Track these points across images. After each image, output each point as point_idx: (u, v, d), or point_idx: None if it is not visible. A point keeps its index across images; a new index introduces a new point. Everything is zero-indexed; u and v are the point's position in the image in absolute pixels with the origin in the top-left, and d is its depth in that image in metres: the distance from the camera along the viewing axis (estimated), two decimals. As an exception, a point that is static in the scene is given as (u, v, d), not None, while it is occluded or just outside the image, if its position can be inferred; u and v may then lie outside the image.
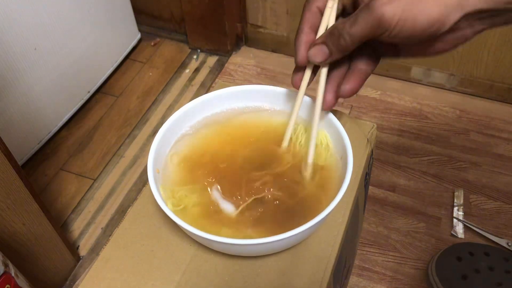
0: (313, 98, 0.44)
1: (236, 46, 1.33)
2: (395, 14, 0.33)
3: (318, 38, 0.39)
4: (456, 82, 1.17)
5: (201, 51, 1.33)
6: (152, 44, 1.36)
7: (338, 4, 0.40)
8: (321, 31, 0.40)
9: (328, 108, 0.43)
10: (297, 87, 0.43)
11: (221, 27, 1.24)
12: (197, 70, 1.29)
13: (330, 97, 0.42)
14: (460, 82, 1.17)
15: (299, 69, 0.43)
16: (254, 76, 1.25)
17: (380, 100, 1.18)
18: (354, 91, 0.41)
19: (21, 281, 0.65)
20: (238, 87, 0.49)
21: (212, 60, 1.32)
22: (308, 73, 0.42)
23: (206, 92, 0.51)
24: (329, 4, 0.40)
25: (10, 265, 0.63)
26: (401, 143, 1.09)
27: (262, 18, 1.25)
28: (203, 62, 1.31)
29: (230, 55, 1.31)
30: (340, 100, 1.18)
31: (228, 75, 1.27)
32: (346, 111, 1.16)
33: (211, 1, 1.19)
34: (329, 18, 0.40)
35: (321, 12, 0.40)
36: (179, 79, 1.27)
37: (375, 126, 0.53)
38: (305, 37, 0.40)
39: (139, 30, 1.32)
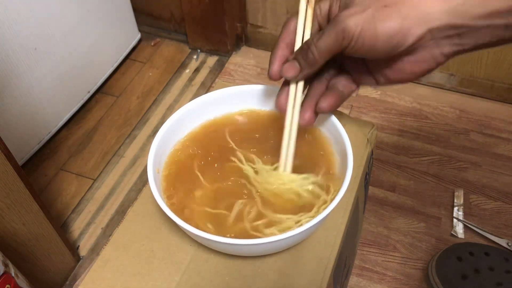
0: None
1: (236, 46, 1.33)
2: (358, 24, 0.34)
3: (292, 55, 0.40)
4: (456, 82, 1.17)
5: (201, 51, 1.33)
6: (152, 44, 1.36)
7: (313, 22, 0.41)
8: (296, 48, 0.41)
9: (307, 123, 0.42)
10: (281, 109, 0.43)
11: (221, 27, 1.24)
12: (197, 70, 1.29)
13: (308, 113, 0.42)
14: (460, 82, 1.17)
15: (283, 91, 0.43)
16: (254, 76, 1.25)
17: (380, 100, 1.18)
18: (331, 108, 0.41)
19: (21, 281, 0.65)
20: (238, 87, 0.49)
21: (212, 60, 1.32)
22: (292, 92, 0.42)
23: (206, 92, 0.51)
24: (305, 23, 0.41)
25: (10, 265, 0.63)
26: (401, 143, 1.09)
27: (262, 18, 1.25)
28: (203, 62, 1.31)
29: (230, 55, 1.31)
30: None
31: (228, 75, 1.27)
32: (346, 111, 1.16)
33: (211, 1, 1.19)
34: (303, 36, 0.41)
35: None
36: (179, 79, 1.27)
37: (375, 126, 0.53)
38: (279, 52, 0.41)
39: (139, 30, 1.32)
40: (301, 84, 0.42)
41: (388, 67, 0.39)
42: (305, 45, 0.38)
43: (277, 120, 0.47)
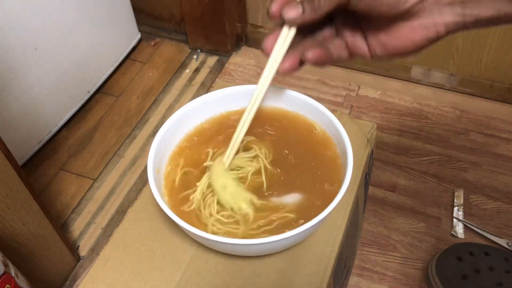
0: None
1: (236, 46, 1.33)
2: None
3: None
4: (456, 82, 1.17)
5: (201, 51, 1.33)
6: (152, 44, 1.36)
7: None
8: None
9: (285, 71, 0.41)
10: (267, 51, 0.41)
11: (221, 27, 1.24)
12: (197, 70, 1.29)
13: (290, 62, 0.40)
14: (460, 82, 1.17)
15: (272, 35, 0.41)
16: (254, 76, 1.25)
17: (380, 100, 1.18)
18: (316, 59, 0.40)
19: (21, 281, 0.65)
20: (238, 87, 0.49)
21: (212, 60, 1.32)
22: (282, 37, 0.40)
23: (206, 92, 0.51)
24: None
25: (10, 265, 0.63)
26: (401, 143, 1.09)
27: (262, 18, 1.25)
28: (203, 62, 1.31)
29: (230, 55, 1.31)
30: (340, 100, 1.18)
31: (228, 75, 1.27)
32: (346, 111, 1.16)
33: (211, 1, 1.19)
34: None
35: None
36: (179, 79, 1.27)
37: (375, 126, 0.53)
38: None
39: (139, 30, 1.32)
40: (293, 31, 0.40)
41: (386, 32, 0.38)
42: None
43: (277, 117, 0.47)
